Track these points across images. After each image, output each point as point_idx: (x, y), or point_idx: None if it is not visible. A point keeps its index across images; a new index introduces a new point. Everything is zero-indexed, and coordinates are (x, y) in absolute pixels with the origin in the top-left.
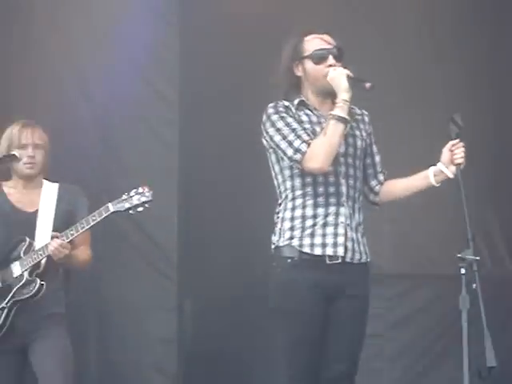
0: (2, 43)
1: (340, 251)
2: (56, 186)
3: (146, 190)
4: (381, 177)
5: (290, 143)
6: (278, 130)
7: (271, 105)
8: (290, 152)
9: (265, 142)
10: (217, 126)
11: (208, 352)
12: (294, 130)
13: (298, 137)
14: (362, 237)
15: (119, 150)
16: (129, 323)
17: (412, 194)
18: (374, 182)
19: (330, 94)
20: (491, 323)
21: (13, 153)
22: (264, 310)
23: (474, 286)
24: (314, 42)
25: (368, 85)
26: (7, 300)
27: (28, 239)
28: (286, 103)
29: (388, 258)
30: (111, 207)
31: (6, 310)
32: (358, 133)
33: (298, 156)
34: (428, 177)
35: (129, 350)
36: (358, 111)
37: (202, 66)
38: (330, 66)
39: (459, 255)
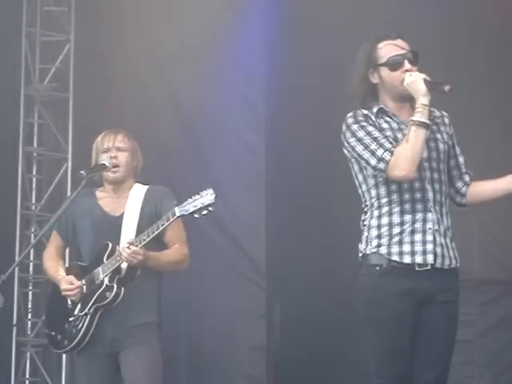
0: (93, 57)
1: (430, 259)
2: (145, 188)
3: (210, 192)
4: (466, 178)
5: (373, 153)
6: (360, 139)
7: (350, 114)
8: (373, 162)
9: (346, 152)
10: (304, 134)
11: (297, 359)
12: (375, 139)
13: (381, 145)
14: (450, 242)
15: (207, 157)
16: (218, 331)
17: (501, 196)
18: (459, 184)
19: (408, 99)
20: None
21: (102, 162)
22: (353, 317)
23: None
24: (387, 49)
25: (447, 88)
26: (89, 306)
27: (111, 244)
28: (365, 111)
29: (478, 263)
30: (177, 211)
31: (89, 316)
32: (439, 136)
33: (381, 165)
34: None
35: (219, 357)
36: (438, 113)
37: (289, 75)
38: (407, 71)
39: None
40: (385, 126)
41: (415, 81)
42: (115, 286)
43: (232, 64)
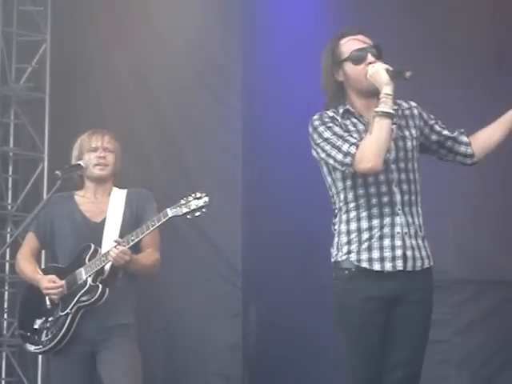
0: (70, 57)
1: (398, 265)
2: (124, 191)
3: (204, 194)
4: (464, 138)
5: (339, 148)
6: (326, 139)
7: (316, 116)
8: (339, 157)
9: (315, 153)
10: (280, 135)
11: (273, 358)
12: (341, 137)
13: (346, 141)
14: (422, 241)
15: (183, 157)
16: (194, 330)
17: (501, 138)
18: (462, 148)
19: (374, 94)
20: None
21: (78, 163)
22: (329, 317)
23: None
24: (349, 44)
25: (408, 73)
26: (71, 306)
27: (93, 246)
28: (331, 114)
29: (453, 263)
30: (169, 212)
31: (70, 316)
32: (407, 133)
33: (348, 159)
34: None
35: (194, 356)
36: (406, 105)
37: (265, 75)
38: (370, 63)
39: None
40: (351, 128)
41: (377, 71)
42: (100, 285)
43: (208, 64)
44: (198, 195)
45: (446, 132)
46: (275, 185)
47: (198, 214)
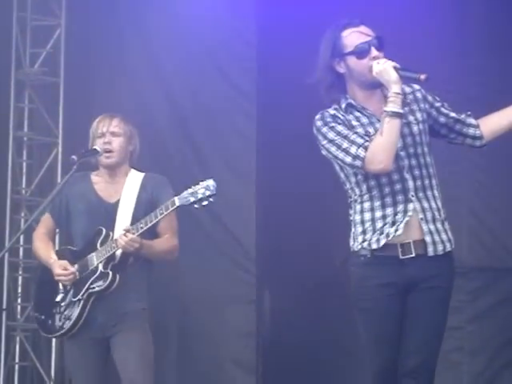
0: (84, 42)
1: (398, 232)
2: (141, 175)
3: (211, 183)
4: (472, 120)
5: (347, 151)
6: (331, 140)
7: (318, 117)
8: (348, 160)
9: (324, 153)
10: (295, 119)
11: (287, 344)
12: (346, 137)
13: (353, 142)
14: (442, 224)
15: (199, 144)
16: (208, 317)
17: (510, 124)
18: (471, 130)
19: (378, 86)
20: None
21: (94, 147)
22: (343, 304)
23: None
24: (353, 37)
25: (423, 76)
26: (82, 292)
27: (105, 230)
28: (332, 111)
29: (467, 250)
30: (177, 201)
31: (82, 302)
32: (411, 118)
33: (358, 162)
34: None
35: (208, 342)
36: (408, 89)
37: (279, 60)
38: (374, 58)
39: None
40: (355, 123)
41: (385, 69)
42: (110, 272)
43: (224, 52)
44: (206, 183)
45: (453, 114)
46: (290, 171)
47: (205, 203)
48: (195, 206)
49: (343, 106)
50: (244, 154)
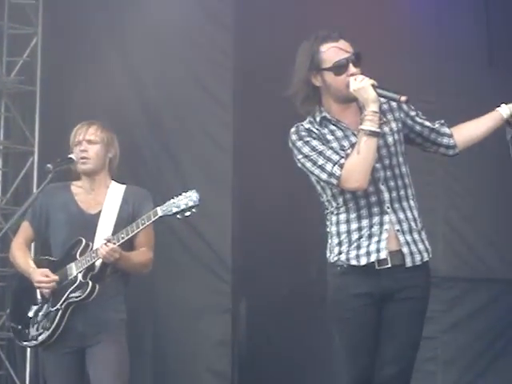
0: (61, 51)
1: (383, 255)
2: (123, 187)
3: (194, 194)
4: (446, 130)
5: (322, 168)
6: (306, 156)
7: (293, 130)
8: (324, 177)
9: (299, 165)
10: (271, 128)
11: (262, 353)
12: (321, 153)
13: (328, 159)
14: (419, 234)
15: (174, 151)
16: (183, 325)
17: (484, 135)
18: (445, 140)
19: (353, 100)
20: None
21: (69, 156)
22: (318, 313)
23: None
24: (331, 52)
25: (403, 98)
26: (61, 302)
27: (84, 241)
28: (307, 125)
29: (443, 260)
30: (159, 211)
31: (60, 312)
32: (386, 129)
33: (333, 180)
34: (499, 116)
35: (184, 352)
36: (383, 99)
37: (256, 69)
38: (351, 74)
39: None
40: (329, 137)
41: (363, 87)
42: (90, 282)
43: (200, 59)
44: (189, 194)
45: (428, 123)
46: (266, 181)
47: (188, 213)
48: (177, 216)
49: (318, 119)
50: (220, 163)
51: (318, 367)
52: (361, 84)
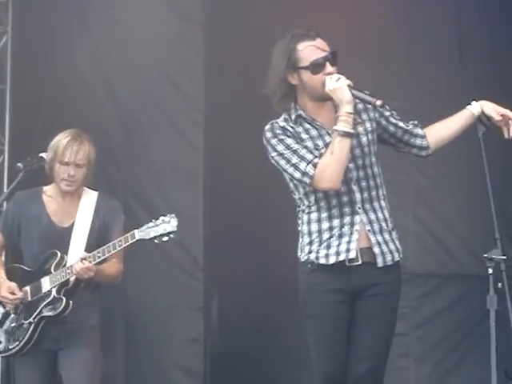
0: (31, 49)
1: (352, 255)
2: (95, 197)
3: (173, 219)
4: (420, 131)
5: (296, 166)
6: (281, 154)
7: (267, 127)
8: (297, 175)
9: (273, 162)
10: (242, 126)
11: (235, 351)
12: (295, 152)
13: (302, 158)
14: (389, 234)
15: (145, 150)
16: (155, 324)
17: (455, 134)
18: (418, 141)
19: (329, 99)
20: None
21: (40, 155)
22: (290, 311)
23: (500, 285)
24: (308, 51)
25: (378, 102)
26: (34, 316)
27: (59, 254)
28: (282, 123)
29: (413, 257)
30: (137, 235)
31: (32, 325)
32: (360, 129)
33: (306, 179)
34: (470, 114)
35: (155, 350)
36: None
37: (227, 68)
38: (328, 73)
39: (485, 255)
40: (304, 136)
41: (339, 87)
42: (64, 299)
43: (171, 57)
44: (168, 219)
45: (402, 124)
46: (237, 178)
47: (165, 238)
48: (155, 240)
49: (293, 117)
50: (191, 161)
51: (290, 365)
52: (337, 84)
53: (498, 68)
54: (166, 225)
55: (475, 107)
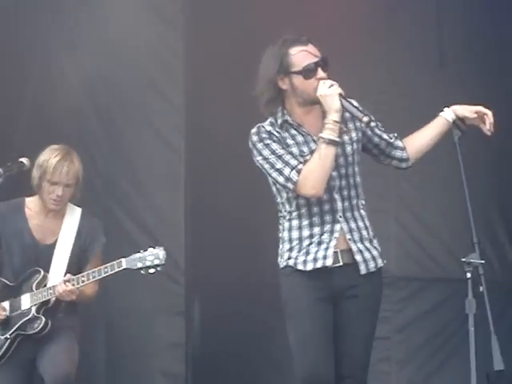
0: (8, 50)
1: (329, 262)
2: (78, 214)
3: (161, 252)
4: (400, 143)
5: (280, 172)
6: (265, 158)
7: (254, 131)
8: (281, 180)
9: (258, 165)
10: (223, 131)
11: (216, 355)
12: (280, 157)
13: (286, 164)
14: (370, 242)
15: (126, 155)
16: (137, 327)
17: (432, 142)
18: (398, 153)
19: (317, 103)
20: (499, 326)
21: (20, 160)
22: (272, 315)
23: (481, 288)
24: (301, 56)
25: (365, 119)
26: (11, 332)
27: (42, 272)
28: (268, 127)
29: (395, 260)
30: (124, 264)
31: (9, 341)
32: (346, 138)
33: (289, 184)
34: (443, 121)
35: (137, 354)
36: None
37: (207, 71)
38: (320, 79)
39: (463, 259)
40: (290, 141)
41: (331, 95)
42: (43, 318)
43: (153, 61)
44: (156, 252)
45: (385, 136)
46: (218, 183)
47: (152, 270)
48: (141, 271)
49: (279, 121)
50: (172, 165)
51: (271, 368)
52: (328, 91)
53: (481, 69)
54: (154, 258)
55: (448, 113)
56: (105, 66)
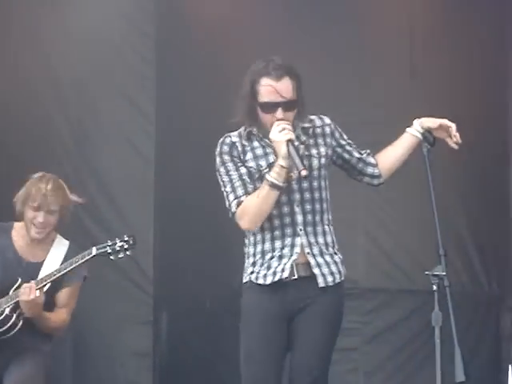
0: None
1: (286, 274)
2: (66, 247)
3: (131, 239)
4: (372, 160)
5: (227, 195)
6: (220, 175)
7: (220, 140)
8: (226, 203)
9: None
10: (194, 139)
11: (183, 365)
12: (231, 181)
13: (233, 191)
14: (331, 257)
15: (96, 163)
16: (103, 336)
17: (403, 158)
18: (370, 169)
19: None
20: (467, 338)
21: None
22: (239, 324)
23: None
24: (265, 91)
25: (303, 172)
26: None
27: (20, 280)
28: (234, 139)
29: (363, 271)
30: (94, 250)
31: None
32: (314, 151)
33: (229, 212)
34: (410, 137)
35: (104, 363)
36: (319, 122)
37: (178, 79)
38: (277, 119)
39: (427, 272)
40: (249, 155)
41: (280, 141)
42: (14, 317)
43: (123, 69)
44: (126, 238)
45: (356, 153)
46: (188, 192)
47: (121, 255)
48: (111, 257)
49: (245, 133)
50: (142, 173)
51: (239, 378)
52: (278, 136)
53: (452, 80)
54: (123, 242)
55: (416, 126)
56: (76, 73)
